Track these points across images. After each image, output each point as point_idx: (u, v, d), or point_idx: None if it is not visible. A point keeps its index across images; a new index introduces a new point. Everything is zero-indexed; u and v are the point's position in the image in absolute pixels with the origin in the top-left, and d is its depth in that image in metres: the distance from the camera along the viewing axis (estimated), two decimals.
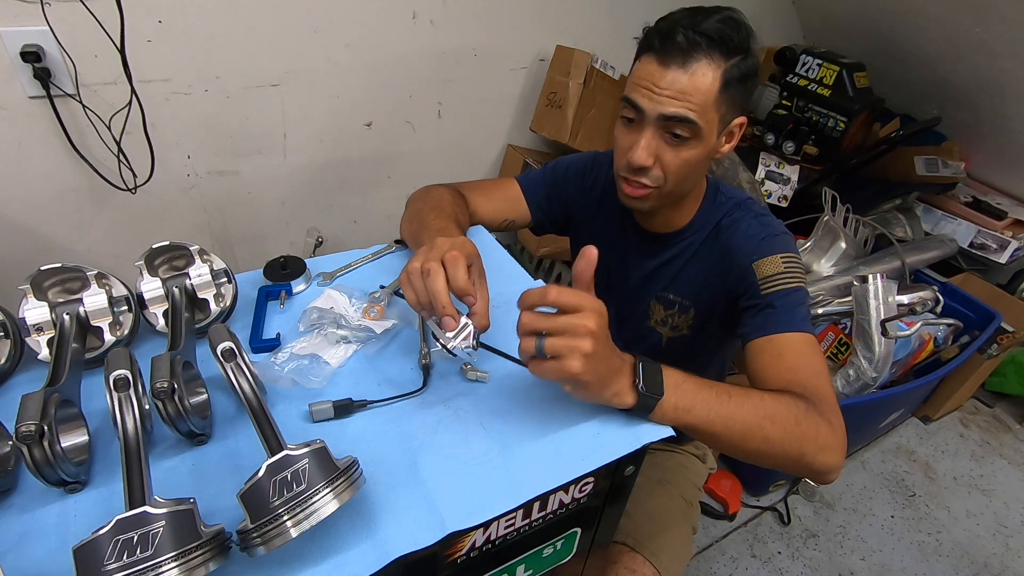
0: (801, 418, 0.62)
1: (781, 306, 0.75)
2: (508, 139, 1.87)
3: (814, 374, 0.70)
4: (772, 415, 0.61)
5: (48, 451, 0.46)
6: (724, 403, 0.60)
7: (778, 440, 0.61)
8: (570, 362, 0.52)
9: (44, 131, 1.18)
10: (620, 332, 1.00)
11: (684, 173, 0.77)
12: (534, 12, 1.66)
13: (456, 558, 0.55)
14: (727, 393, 0.61)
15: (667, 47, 0.71)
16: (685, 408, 0.59)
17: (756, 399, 0.62)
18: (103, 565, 0.38)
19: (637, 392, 0.57)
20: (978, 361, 1.80)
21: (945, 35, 1.78)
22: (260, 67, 1.35)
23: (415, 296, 0.60)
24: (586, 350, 0.51)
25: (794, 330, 0.73)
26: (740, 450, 0.63)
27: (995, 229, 1.94)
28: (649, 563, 0.88)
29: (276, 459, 0.44)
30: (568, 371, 0.52)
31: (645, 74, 0.73)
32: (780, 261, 0.78)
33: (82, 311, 0.60)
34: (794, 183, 1.90)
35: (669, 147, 0.75)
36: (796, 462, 0.63)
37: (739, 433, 0.61)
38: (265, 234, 1.60)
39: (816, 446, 0.62)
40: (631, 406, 0.58)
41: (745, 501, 1.69)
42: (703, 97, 0.71)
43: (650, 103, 0.72)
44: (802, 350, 0.72)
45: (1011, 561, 1.59)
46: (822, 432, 0.63)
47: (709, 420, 0.60)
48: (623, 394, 0.57)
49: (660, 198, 0.81)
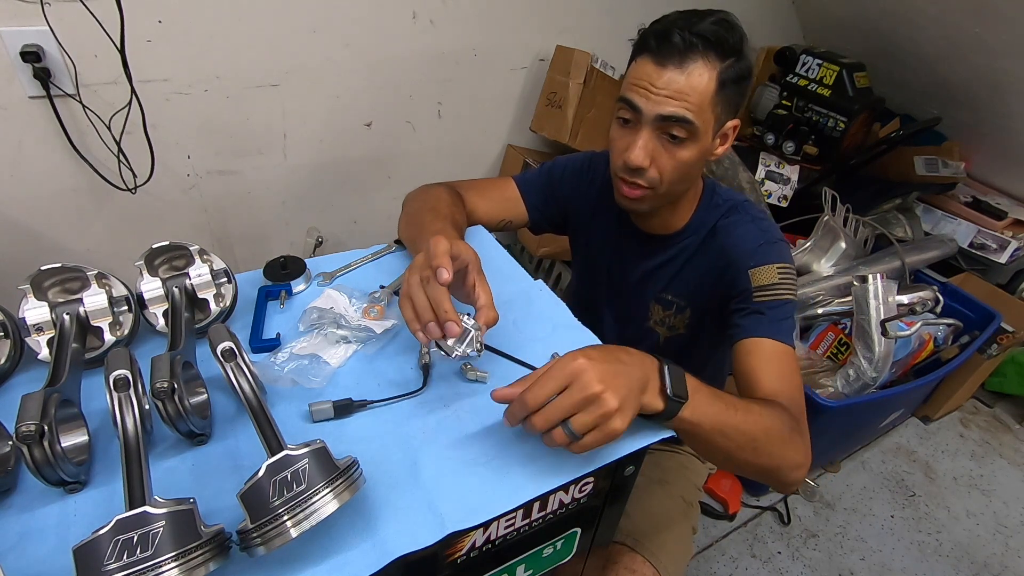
0: (787, 436, 0.65)
1: (771, 315, 0.78)
2: (508, 139, 1.87)
3: (796, 388, 0.73)
4: (767, 429, 0.63)
5: (48, 451, 0.46)
6: (732, 414, 0.61)
7: (765, 453, 0.63)
8: (611, 426, 0.50)
9: (44, 131, 1.18)
10: (621, 331, 1.00)
11: (680, 174, 0.78)
12: (534, 12, 1.66)
13: (456, 558, 0.55)
14: (734, 406, 0.62)
15: (664, 48, 0.71)
16: (700, 415, 0.58)
17: (756, 413, 0.63)
18: (103, 565, 0.38)
19: (666, 397, 0.56)
20: (978, 361, 1.80)
21: (945, 35, 1.78)
22: (260, 67, 1.35)
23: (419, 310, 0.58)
24: (612, 407, 0.50)
25: (780, 340, 0.76)
26: (732, 459, 0.63)
27: (995, 229, 1.94)
28: (649, 563, 0.88)
29: (276, 459, 0.44)
30: (614, 434, 0.51)
31: (642, 75, 0.73)
32: (776, 272, 0.79)
33: (82, 311, 0.60)
34: (794, 183, 1.90)
35: (665, 148, 0.75)
36: (771, 474, 0.66)
37: (736, 444, 0.61)
38: (265, 234, 1.60)
39: (794, 463, 0.66)
40: (659, 411, 0.56)
41: (745, 501, 1.69)
42: (700, 97, 0.71)
43: (647, 103, 0.73)
44: (788, 362, 0.75)
45: (1011, 561, 1.59)
46: (800, 452, 0.66)
47: (717, 430, 0.60)
48: (653, 402, 0.56)
49: (656, 199, 0.81)
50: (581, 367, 0.50)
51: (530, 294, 0.80)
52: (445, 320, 0.57)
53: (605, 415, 0.50)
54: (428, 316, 0.58)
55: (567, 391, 0.50)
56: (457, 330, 0.57)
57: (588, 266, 1.03)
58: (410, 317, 0.59)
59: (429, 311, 0.58)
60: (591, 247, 1.01)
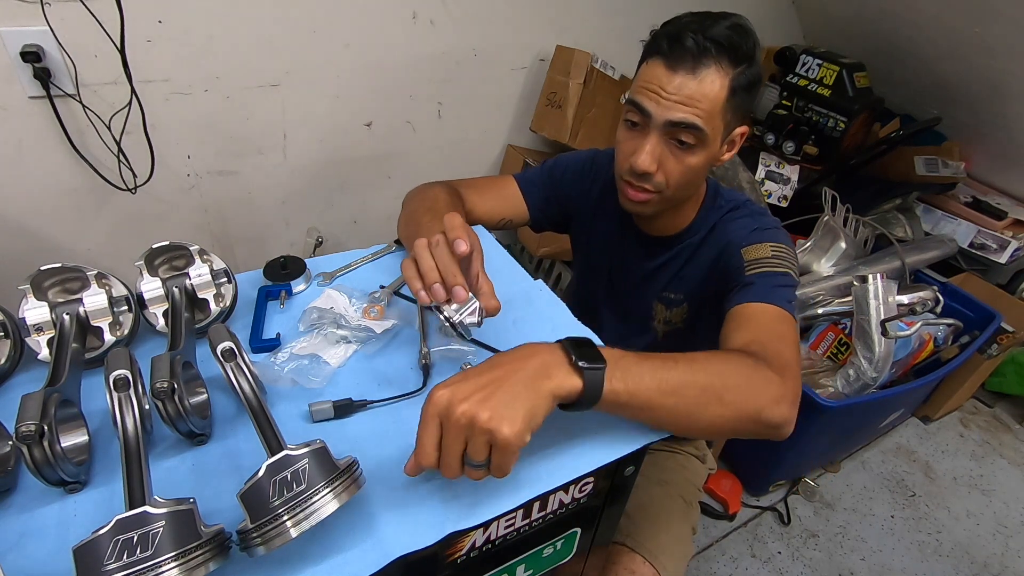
0: (750, 374, 0.59)
1: (761, 283, 0.74)
2: (508, 139, 1.87)
3: (777, 337, 0.66)
4: (721, 372, 0.58)
5: (48, 451, 0.46)
6: (671, 369, 0.55)
7: (732, 400, 0.57)
8: (500, 437, 0.45)
9: (44, 131, 1.18)
10: (621, 330, 1.00)
11: (686, 179, 0.77)
12: (534, 12, 1.66)
13: (456, 558, 0.55)
14: (672, 359, 0.56)
15: (676, 51, 0.69)
16: (635, 381, 0.52)
17: (702, 360, 0.58)
18: (103, 565, 0.38)
19: (579, 370, 0.50)
20: (978, 361, 1.80)
21: (945, 35, 1.78)
22: (260, 67, 1.35)
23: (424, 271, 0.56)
24: (484, 419, 0.45)
25: (770, 303, 0.71)
26: (700, 420, 0.57)
27: (995, 229, 1.94)
28: (649, 563, 0.88)
29: (276, 459, 0.44)
30: (509, 444, 0.45)
31: (652, 78, 0.72)
32: (768, 248, 0.78)
33: (82, 311, 0.60)
34: (794, 183, 1.90)
35: (673, 153, 0.75)
36: (754, 420, 0.58)
37: (694, 400, 0.55)
38: (265, 234, 1.60)
39: (770, 398, 0.58)
40: (581, 390, 0.50)
41: (745, 501, 1.69)
42: (710, 104, 0.70)
43: (657, 107, 0.72)
44: (772, 319, 0.70)
45: (1011, 561, 1.59)
46: (773, 384, 0.59)
47: (661, 391, 0.54)
48: (566, 382, 0.50)
49: (661, 203, 0.81)
50: (438, 400, 0.47)
51: (530, 294, 0.80)
52: (453, 284, 0.55)
53: (486, 431, 0.45)
54: (434, 277, 0.56)
55: (444, 430, 0.47)
56: (465, 295, 0.55)
57: (589, 265, 1.03)
58: (411, 275, 0.57)
59: (435, 272, 0.56)
60: (592, 246, 1.00)
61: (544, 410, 0.49)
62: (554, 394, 0.49)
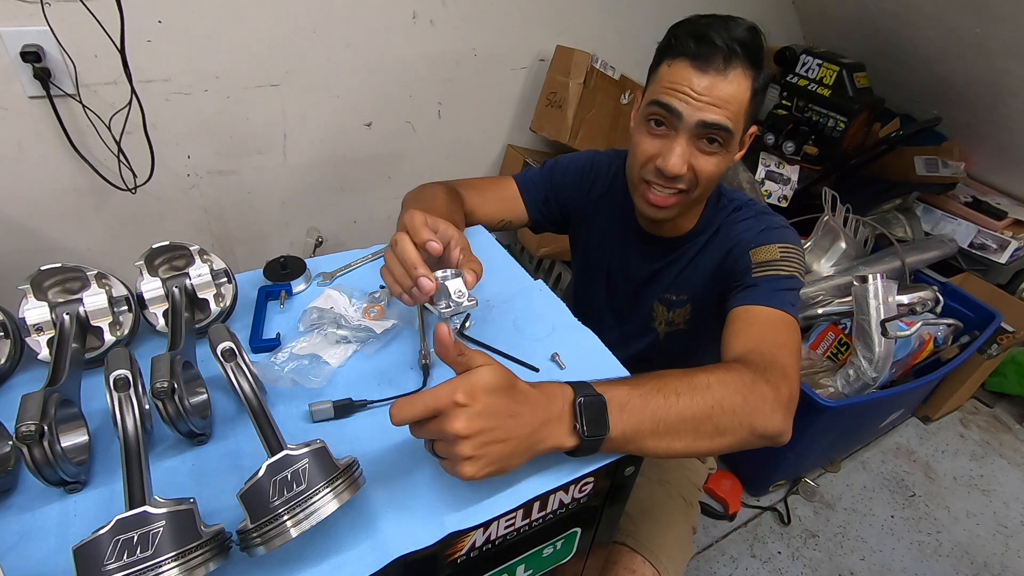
0: (747, 392, 0.59)
1: (765, 286, 0.74)
2: (508, 139, 1.87)
3: (777, 345, 0.67)
4: (719, 401, 0.57)
5: (48, 451, 0.46)
6: (672, 407, 0.55)
7: (728, 425, 0.57)
8: (460, 468, 0.47)
9: (44, 131, 1.18)
10: (621, 331, 1.00)
11: (713, 180, 0.77)
12: (534, 12, 1.66)
13: (456, 558, 0.55)
14: (674, 392, 0.56)
15: (704, 52, 0.69)
16: (633, 425, 0.53)
17: (701, 389, 0.57)
18: (103, 565, 0.38)
19: (579, 436, 0.51)
20: (978, 361, 1.80)
21: (945, 35, 1.78)
22: (260, 67, 1.35)
23: (397, 277, 0.58)
24: (464, 454, 0.46)
25: (773, 306, 0.72)
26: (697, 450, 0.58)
27: (995, 229, 1.94)
28: (649, 563, 0.88)
29: (276, 459, 0.44)
30: (461, 476, 0.47)
31: (680, 79, 0.71)
32: (777, 250, 0.78)
33: (82, 311, 0.60)
34: (794, 183, 1.90)
35: (701, 154, 0.74)
36: (749, 441, 0.59)
37: (692, 433, 0.56)
38: (265, 234, 1.60)
39: (765, 414, 0.59)
40: (575, 448, 0.52)
41: (745, 501, 1.69)
42: (738, 105, 0.71)
43: (688, 108, 0.71)
44: (774, 324, 0.70)
45: (1011, 561, 1.59)
46: (767, 401, 0.59)
47: (656, 432, 0.54)
48: (561, 442, 0.51)
49: (687, 205, 0.80)
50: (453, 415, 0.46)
51: (530, 294, 0.80)
52: (415, 277, 0.56)
53: (456, 455, 0.47)
54: (407, 282, 0.58)
55: (435, 420, 0.47)
56: (429, 285, 0.56)
57: (589, 266, 1.03)
58: (390, 282, 0.60)
59: (407, 276, 0.58)
60: (592, 247, 1.00)
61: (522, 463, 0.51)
62: (544, 452, 0.52)
